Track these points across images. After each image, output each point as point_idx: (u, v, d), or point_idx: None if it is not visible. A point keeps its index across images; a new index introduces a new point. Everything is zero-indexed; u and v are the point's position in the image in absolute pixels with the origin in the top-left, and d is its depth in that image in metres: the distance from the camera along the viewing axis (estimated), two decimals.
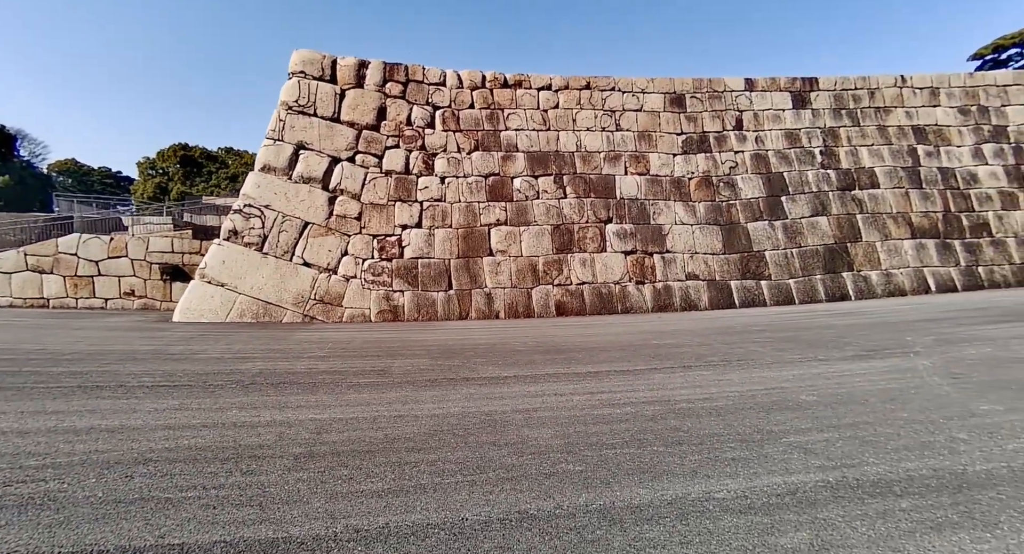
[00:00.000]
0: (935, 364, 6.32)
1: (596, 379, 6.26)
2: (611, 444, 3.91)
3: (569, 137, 16.64)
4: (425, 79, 15.96)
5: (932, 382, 5.46)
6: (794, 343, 8.46)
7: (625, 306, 15.41)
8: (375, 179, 14.85)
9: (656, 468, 3.41)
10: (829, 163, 17.52)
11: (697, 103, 17.64)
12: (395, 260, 14.41)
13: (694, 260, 16.17)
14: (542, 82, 16.83)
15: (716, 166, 17.21)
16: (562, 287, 15.26)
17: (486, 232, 15.27)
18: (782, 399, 5.08)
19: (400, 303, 14.09)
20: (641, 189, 16.67)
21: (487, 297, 14.68)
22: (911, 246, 16.90)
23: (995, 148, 18.29)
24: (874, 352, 7.34)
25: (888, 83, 18.53)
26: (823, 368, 6.47)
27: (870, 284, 16.44)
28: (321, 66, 15.02)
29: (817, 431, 4.06)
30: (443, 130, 15.74)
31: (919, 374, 5.87)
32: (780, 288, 16.12)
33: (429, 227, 14.92)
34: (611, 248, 15.89)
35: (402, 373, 6.70)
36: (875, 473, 3.20)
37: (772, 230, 16.71)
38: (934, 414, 4.37)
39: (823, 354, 7.37)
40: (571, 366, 7.08)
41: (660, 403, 5.08)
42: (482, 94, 16.32)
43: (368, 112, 15.19)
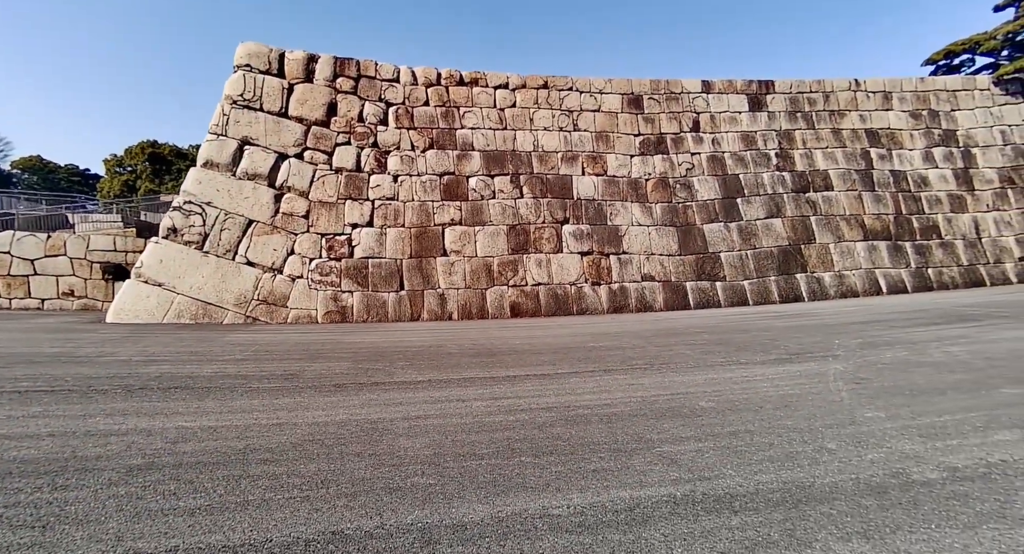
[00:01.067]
0: (846, 369, 6.29)
1: (510, 384, 6.08)
2: (481, 454, 3.72)
3: (526, 136, 16.49)
4: (378, 75, 15.64)
5: (833, 388, 5.41)
6: (725, 346, 8.41)
7: (581, 307, 15.32)
8: (324, 176, 14.49)
9: (511, 481, 3.23)
10: (784, 165, 17.70)
11: (655, 104, 17.66)
12: (344, 260, 14.07)
13: (650, 261, 16.16)
14: (499, 80, 16.65)
15: (673, 167, 17.24)
16: (517, 288, 15.10)
17: (440, 232, 15.02)
18: (680, 405, 4.96)
19: (349, 304, 13.76)
20: (598, 190, 16.61)
21: (440, 298, 14.43)
22: (863, 248, 17.16)
23: (945, 152, 18.71)
24: (796, 356, 7.31)
25: (843, 87, 18.82)
26: (738, 372, 6.39)
27: (823, 285, 16.64)
28: (268, 59, 14.60)
29: (695, 440, 3.93)
30: (396, 127, 15.45)
31: (826, 379, 5.83)
32: (735, 289, 16.21)
33: (381, 226, 14.61)
34: (567, 249, 15.78)
35: (312, 377, 6.44)
36: (726, 487, 3.06)
37: (727, 232, 16.80)
38: (817, 422, 4.28)
39: (746, 358, 7.31)
40: (493, 370, 6.90)
41: (558, 409, 4.91)
42: (437, 91, 16.06)
43: (317, 108, 14.81)
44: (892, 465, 3.30)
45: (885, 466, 3.29)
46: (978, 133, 19.09)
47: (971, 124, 19.15)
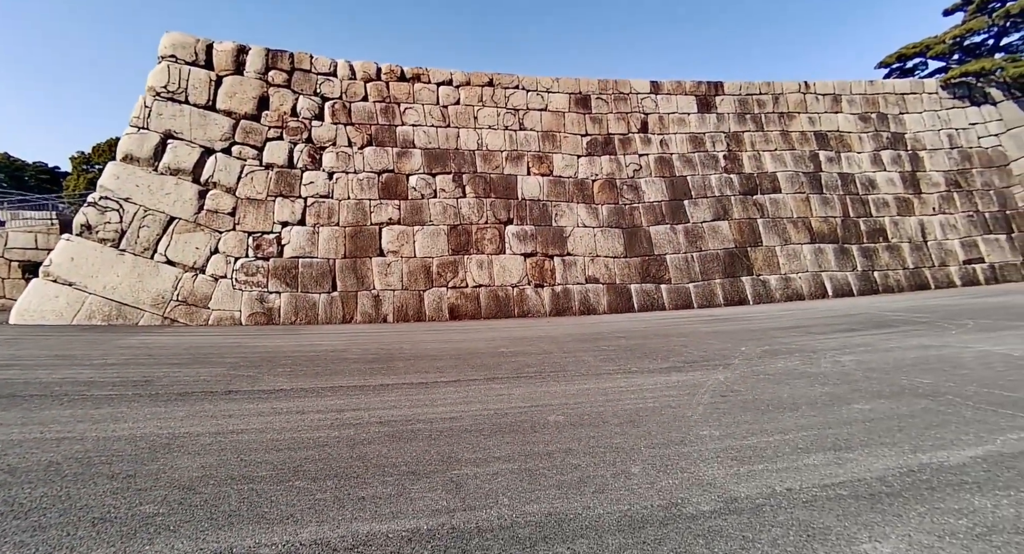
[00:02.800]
0: (727, 379, 6.02)
1: (373, 394, 5.70)
2: (255, 477, 3.33)
3: (470, 135, 16.11)
4: (313, 68, 15.14)
5: (696, 401, 5.12)
6: (631, 353, 8.12)
7: (522, 310, 14.99)
8: (253, 172, 13.94)
9: (254, 510, 2.84)
10: (732, 167, 17.58)
11: (603, 104, 17.41)
12: (272, 259, 13.54)
13: (595, 263, 15.90)
14: (442, 77, 16.25)
15: (620, 168, 17.01)
16: (457, 290, 14.71)
17: (377, 231, 14.57)
18: (527, 420, 4.62)
19: (276, 305, 13.24)
20: (544, 190, 16.30)
21: (374, 300, 13.98)
22: (810, 251, 17.11)
23: (893, 155, 18.78)
24: (692, 364, 7.03)
25: (792, 89, 18.79)
26: (619, 382, 6.09)
27: (768, 288, 16.54)
28: (194, 50, 14.01)
29: (503, 461, 3.59)
30: (333, 123, 14.96)
31: (697, 391, 5.54)
32: (679, 292, 16.02)
33: (313, 225, 14.11)
34: (510, 250, 15.44)
35: (166, 384, 5.97)
36: (482, 519, 2.71)
37: (674, 234, 16.62)
38: (646, 441, 3.96)
39: (640, 366, 7.02)
40: (371, 378, 6.50)
41: (396, 424, 4.54)
42: (377, 87, 15.61)
43: (247, 101, 14.26)
44: (677, 494, 2.98)
45: (668, 495, 2.97)
46: (926, 136, 19.21)
47: (919, 127, 19.27)
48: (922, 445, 3.69)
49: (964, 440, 3.73)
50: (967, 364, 6.05)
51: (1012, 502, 2.77)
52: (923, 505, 2.80)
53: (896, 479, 3.16)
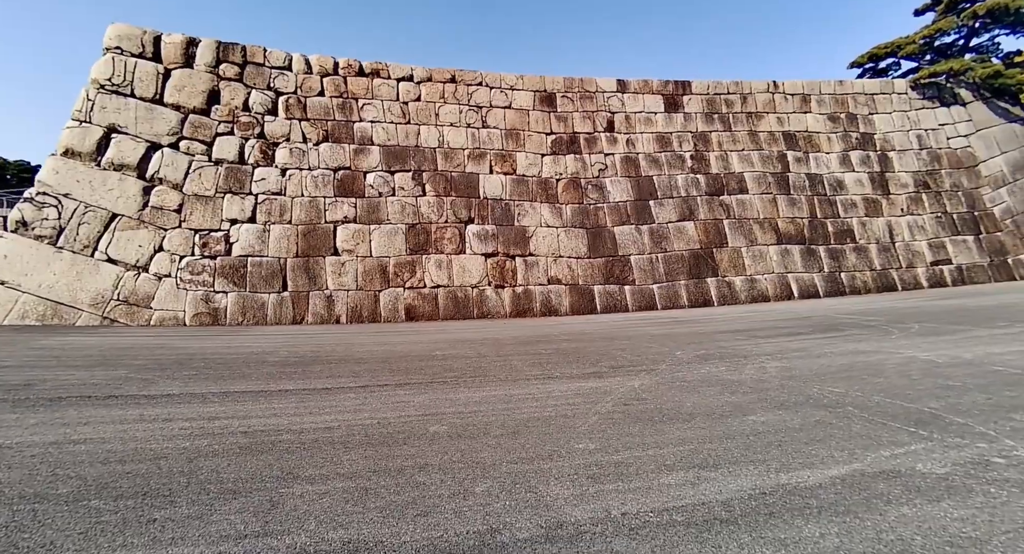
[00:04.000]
0: (641, 386, 5.78)
1: (266, 400, 5.40)
2: (47, 495, 3.01)
3: (431, 132, 15.81)
4: (267, 62, 14.77)
5: (596, 410, 4.87)
6: (565, 356, 7.88)
7: (482, 311, 14.72)
8: (202, 168, 13.57)
9: (6, 539, 2.56)
10: (699, 168, 17.39)
11: (568, 103, 17.16)
12: (220, 258, 13.18)
13: (558, 264, 15.65)
14: (402, 72, 15.94)
15: (585, 168, 16.76)
16: (414, 290, 14.41)
17: (331, 230, 14.23)
18: (405, 430, 4.35)
19: (222, 305, 12.88)
20: (506, 189, 16.03)
21: (327, 300, 13.65)
22: (776, 252, 16.95)
23: (862, 155, 18.66)
24: (618, 369, 6.79)
25: (761, 88, 18.62)
26: (532, 389, 5.83)
27: (734, 290, 16.36)
28: (141, 42, 13.61)
29: (346, 478, 3.30)
30: (287, 118, 14.60)
31: (606, 398, 5.30)
32: (643, 293, 15.81)
33: (264, 223, 13.76)
34: (471, 250, 15.16)
35: (48, 388, 5.65)
36: (266, 548, 2.44)
37: (639, 234, 16.40)
38: (518, 454, 3.70)
39: (565, 370, 6.78)
40: (279, 382, 6.20)
41: (259, 434, 4.24)
42: (334, 81, 15.26)
43: (197, 95, 13.88)
44: (503, 518, 2.71)
45: (494, 520, 2.70)
46: (895, 137, 19.10)
47: (888, 128, 19.15)
48: (791, 463, 3.45)
49: (835, 458, 3.49)
50: (887, 371, 5.84)
51: (841, 530, 2.52)
52: (750, 534, 2.55)
53: (741, 503, 2.91)
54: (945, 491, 2.92)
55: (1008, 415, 4.08)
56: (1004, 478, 3.02)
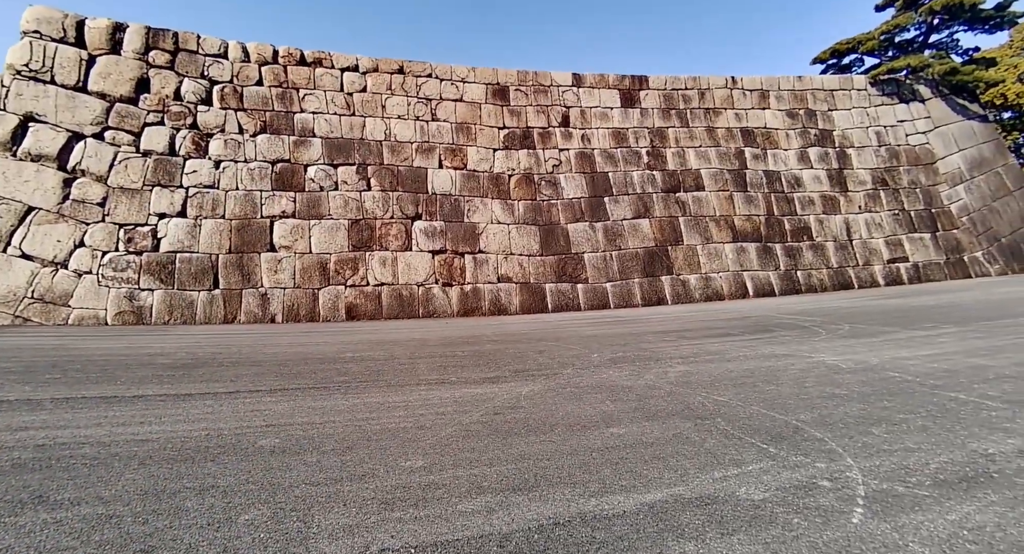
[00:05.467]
0: (532, 392, 5.44)
1: (107, 407, 4.94)
2: None
3: (377, 124, 15.30)
4: (200, 49, 14.14)
5: (461, 419, 4.51)
6: (478, 359, 7.52)
7: (428, 310, 14.30)
8: (128, 160, 12.95)
9: None
10: (655, 164, 17.09)
11: (522, 97, 16.75)
12: (146, 254, 12.60)
13: (508, 261, 15.27)
14: (347, 62, 15.39)
15: (539, 163, 16.38)
16: (356, 288, 13.94)
17: (267, 225, 13.70)
18: (233, 443, 3.95)
19: (148, 304, 12.31)
20: (456, 184, 15.59)
21: (262, 298, 13.14)
22: (732, 250, 16.73)
23: (820, 152, 18.51)
24: (520, 373, 6.44)
25: (719, 84, 18.36)
26: (414, 395, 5.47)
27: (688, 288, 16.12)
28: (63, 26, 12.92)
29: (103, 503, 2.89)
30: (221, 108, 14.01)
31: (481, 406, 4.95)
32: (596, 292, 15.50)
33: (195, 217, 13.18)
34: (417, 246, 14.72)
35: None
36: None
37: (593, 232, 16.07)
38: (333, 473, 3.34)
39: (465, 375, 6.41)
40: (143, 387, 5.74)
41: (54, 448, 3.79)
42: (273, 71, 14.68)
43: (124, 83, 13.23)
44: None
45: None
46: (854, 133, 18.98)
47: (847, 124, 19.02)
48: (612, 485, 3.11)
49: (663, 479, 3.15)
50: (784, 378, 5.55)
51: None
52: None
53: (523, 536, 2.57)
54: (747, 522, 2.59)
55: (868, 429, 3.78)
56: (816, 506, 2.70)
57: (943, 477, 2.92)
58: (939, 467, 3.06)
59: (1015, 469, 2.94)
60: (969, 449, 3.26)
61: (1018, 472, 2.90)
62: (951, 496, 2.70)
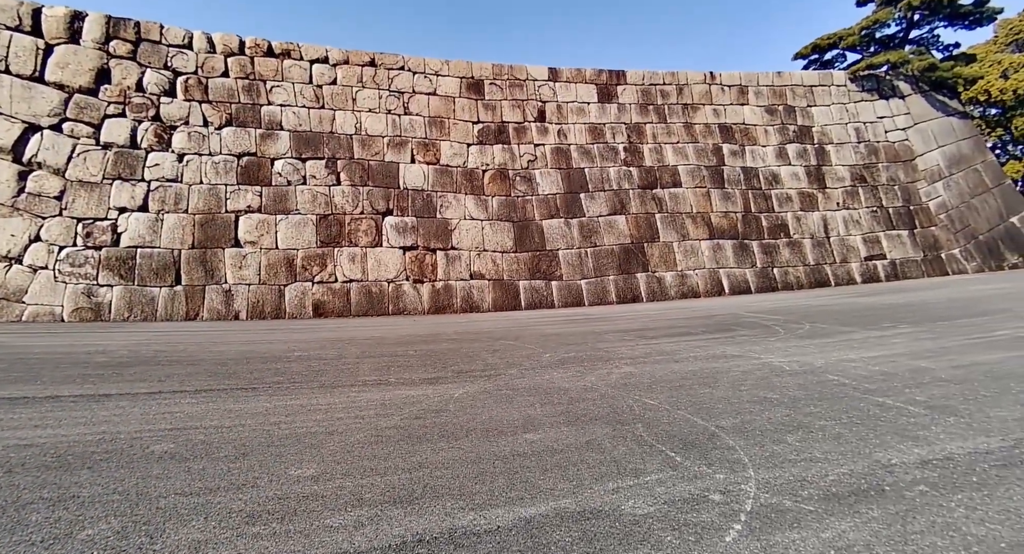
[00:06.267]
0: (466, 394, 5.29)
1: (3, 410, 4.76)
2: None
3: (347, 118, 15.03)
4: (164, 39, 13.80)
5: (378, 423, 4.35)
6: (427, 359, 7.35)
7: (398, 307, 14.10)
8: (87, 152, 12.64)
9: None
10: (632, 160, 16.92)
11: (497, 91, 16.50)
12: (105, 249, 12.31)
13: (481, 258, 15.08)
14: (316, 54, 15.08)
15: (514, 159, 16.17)
16: (324, 285, 13.72)
17: (232, 220, 13.43)
18: (116, 450, 3.75)
19: (106, 300, 12.04)
20: (428, 180, 15.36)
21: (225, 295, 12.89)
22: (708, 247, 16.61)
23: (799, 148, 18.39)
24: (463, 374, 6.26)
25: (697, 79, 18.17)
26: (341, 397, 5.30)
27: (664, 285, 16.00)
28: (18, 14, 12.55)
29: None
30: (185, 100, 13.69)
31: (408, 409, 4.79)
32: (571, 289, 15.35)
33: (157, 211, 12.90)
34: (388, 242, 14.50)
35: None
36: None
37: (568, 228, 15.90)
38: (213, 482, 3.17)
39: (407, 376, 6.23)
40: (59, 388, 5.52)
41: None
42: (240, 62, 14.36)
43: (84, 73, 12.89)
44: None
45: None
46: (833, 130, 18.87)
47: (827, 120, 18.91)
48: (500, 497, 2.95)
49: (555, 491, 2.99)
50: (723, 381, 5.41)
51: None
52: None
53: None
54: (618, 540, 2.43)
55: (784, 437, 3.63)
56: (697, 522, 2.55)
57: (835, 490, 2.77)
58: (836, 479, 2.92)
59: (908, 481, 2.79)
60: (873, 459, 3.12)
61: (911, 485, 2.76)
62: (835, 512, 2.55)
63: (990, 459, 2.97)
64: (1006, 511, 2.43)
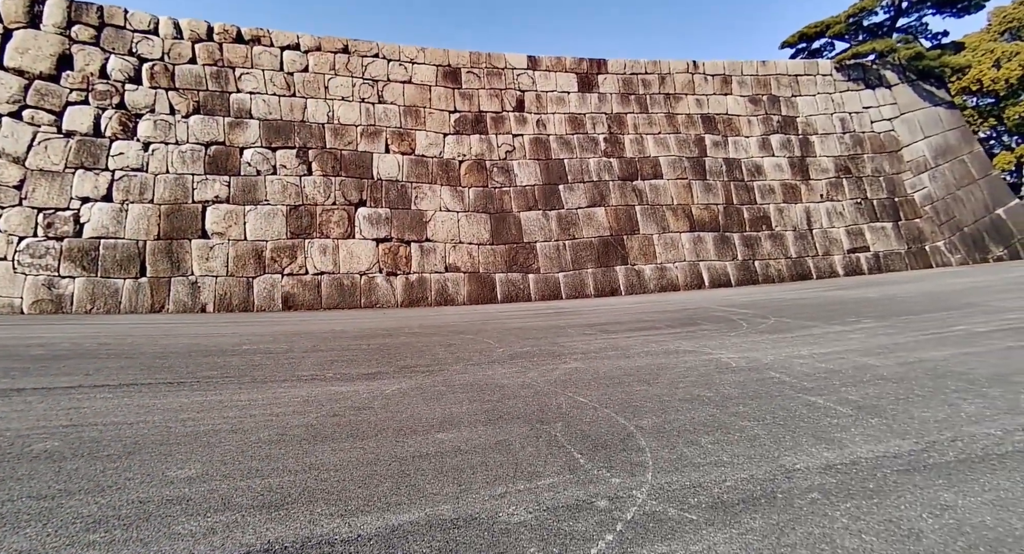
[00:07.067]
0: (397, 391, 5.11)
1: None
2: None
3: (319, 106, 14.71)
4: (128, 24, 13.44)
5: (291, 423, 4.16)
6: (374, 353, 7.16)
7: (371, 300, 13.89)
8: (48, 140, 12.33)
9: None
10: (613, 151, 16.65)
11: (474, 79, 16.18)
12: (67, 239, 12.05)
13: (457, 250, 14.85)
14: (287, 40, 14.73)
15: (491, 149, 15.88)
16: (294, 277, 13.49)
17: (199, 210, 13.16)
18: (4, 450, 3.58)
19: (68, 292, 11.80)
20: (403, 170, 15.09)
21: (192, 287, 12.66)
22: (689, 239, 16.40)
23: (782, 139, 18.13)
24: (406, 369, 6.06)
25: (680, 68, 17.85)
26: (272, 393, 5.12)
27: (642, 278, 15.80)
28: None
29: None
30: (151, 87, 13.36)
31: (331, 407, 4.60)
32: (548, 282, 15.14)
33: (122, 202, 12.62)
34: (360, 234, 14.25)
35: None
36: None
37: (546, 220, 15.66)
38: (83, 484, 2.98)
39: (345, 371, 6.04)
40: None
41: None
42: (207, 48, 14.01)
43: (44, 59, 12.55)
44: None
45: None
46: (818, 120, 18.60)
47: (811, 111, 18.63)
48: (378, 502, 2.76)
49: (440, 495, 2.81)
50: (665, 377, 5.21)
51: None
52: None
53: None
54: (476, 552, 2.25)
55: (699, 438, 3.44)
56: (569, 531, 2.36)
57: (727, 497, 2.59)
58: (733, 485, 2.73)
59: (804, 488, 2.61)
60: (779, 463, 2.93)
61: (804, 492, 2.57)
62: (715, 521, 2.36)
63: (896, 464, 2.78)
64: (888, 522, 2.24)
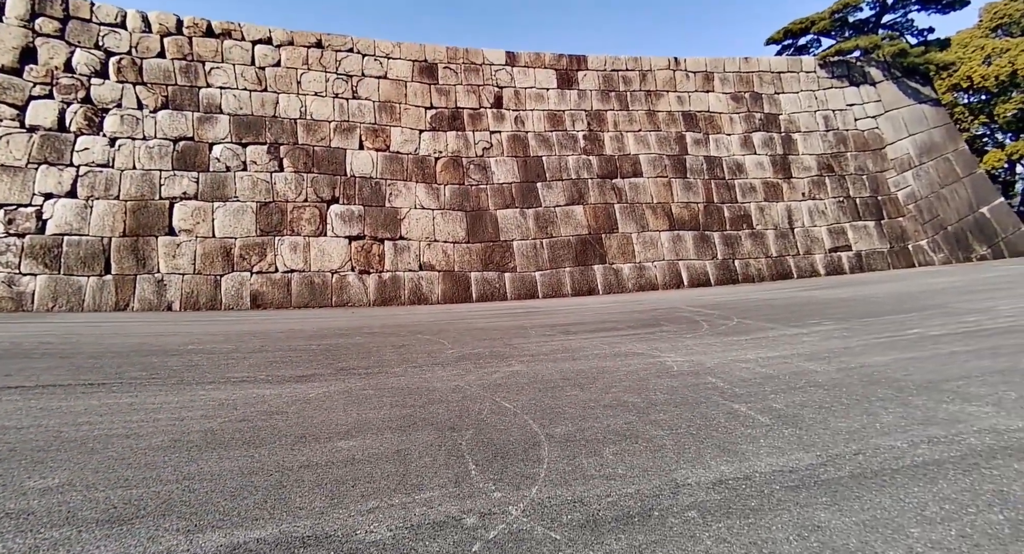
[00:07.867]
0: (323, 394, 4.92)
1: None
2: None
3: (291, 101, 14.48)
4: (94, 17, 13.18)
5: (192, 428, 3.96)
6: (324, 355, 6.97)
7: (342, 299, 13.67)
8: (10, 135, 12.07)
9: None
10: (592, 148, 16.44)
11: (451, 75, 15.95)
12: (29, 236, 11.81)
13: (432, 249, 14.64)
14: (259, 34, 14.48)
15: (468, 146, 15.67)
16: (264, 275, 13.27)
17: (167, 207, 12.93)
18: None
19: (29, 289, 11.57)
20: (377, 167, 14.86)
21: (158, 284, 12.43)
22: (668, 238, 16.21)
23: (765, 137, 17.94)
24: (343, 371, 5.87)
25: (661, 65, 17.65)
26: (192, 396, 4.95)
27: (621, 278, 15.62)
28: None
29: None
30: (119, 81, 13.12)
31: (244, 411, 4.41)
32: (524, 281, 14.95)
33: (87, 198, 12.38)
34: (332, 232, 14.03)
35: None
36: None
37: (523, 218, 15.46)
38: None
39: (282, 373, 5.85)
40: None
41: None
42: (177, 42, 13.77)
43: (6, 52, 12.29)
44: None
45: None
46: (801, 117, 18.42)
47: (794, 108, 18.45)
48: (234, 518, 2.58)
49: (307, 509, 2.62)
50: (602, 381, 5.03)
51: None
52: None
53: None
54: None
55: (603, 448, 3.26)
56: (425, 551, 2.18)
57: (602, 515, 2.40)
58: (615, 500, 2.55)
59: (684, 506, 2.42)
60: (670, 478, 2.74)
61: (683, 510, 2.38)
62: (578, 542, 2.18)
63: (789, 479, 2.60)
64: (752, 544, 2.06)
